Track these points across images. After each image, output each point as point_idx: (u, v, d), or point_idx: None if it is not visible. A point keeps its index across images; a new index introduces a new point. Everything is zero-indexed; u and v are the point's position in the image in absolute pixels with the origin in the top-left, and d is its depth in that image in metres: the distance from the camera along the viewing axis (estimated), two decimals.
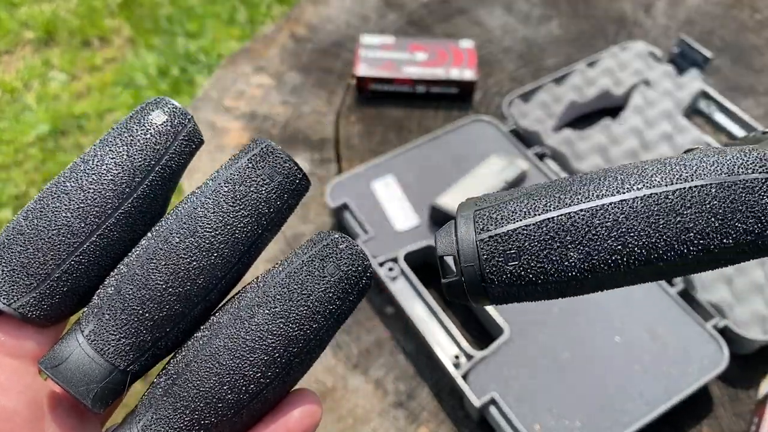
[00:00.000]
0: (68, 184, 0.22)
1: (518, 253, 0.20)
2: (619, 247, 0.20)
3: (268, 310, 0.22)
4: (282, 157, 0.23)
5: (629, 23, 0.97)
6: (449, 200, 0.68)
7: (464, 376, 0.58)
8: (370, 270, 0.23)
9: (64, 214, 0.22)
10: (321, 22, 0.97)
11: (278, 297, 0.22)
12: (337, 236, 0.23)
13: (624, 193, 0.20)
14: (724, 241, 0.20)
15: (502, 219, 0.21)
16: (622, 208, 0.20)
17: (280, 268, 0.23)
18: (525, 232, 0.20)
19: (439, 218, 0.69)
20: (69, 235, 0.22)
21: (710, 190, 0.20)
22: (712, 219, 0.20)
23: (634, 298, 0.63)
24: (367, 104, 0.86)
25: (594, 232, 0.20)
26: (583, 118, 0.82)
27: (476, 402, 0.56)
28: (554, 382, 0.58)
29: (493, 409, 0.56)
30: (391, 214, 0.70)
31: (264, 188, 0.23)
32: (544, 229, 0.20)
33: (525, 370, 0.59)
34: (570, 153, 0.75)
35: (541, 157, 0.76)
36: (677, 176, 0.20)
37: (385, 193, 0.72)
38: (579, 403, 0.57)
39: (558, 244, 0.20)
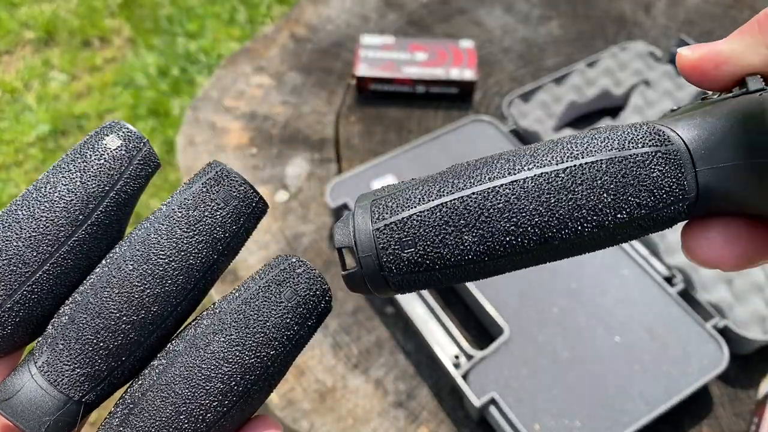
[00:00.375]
0: (20, 212, 0.22)
1: (414, 240, 0.20)
2: (512, 227, 0.20)
3: (224, 337, 0.22)
4: (237, 181, 0.23)
5: (629, 23, 0.97)
6: None
7: (464, 376, 0.58)
8: (329, 294, 0.23)
9: (15, 244, 0.22)
10: (321, 23, 0.97)
11: (234, 324, 0.22)
12: (294, 260, 0.23)
13: (515, 174, 0.20)
14: (618, 216, 0.20)
15: (397, 207, 0.21)
16: (513, 189, 0.20)
17: (237, 294, 0.23)
18: (419, 218, 0.20)
19: None
20: (20, 265, 0.22)
21: (601, 166, 0.20)
22: (604, 195, 0.20)
23: (634, 298, 0.63)
24: (367, 104, 0.86)
25: (487, 215, 0.20)
26: (583, 118, 0.82)
27: (476, 402, 0.56)
28: (554, 382, 0.58)
29: (493, 409, 0.56)
30: None
31: (219, 213, 0.22)
32: (438, 214, 0.20)
33: (525, 370, 0.59)
34: None
35: None
36: (568, 154, 0.20)
37: None
38: (579, 403, 0.57)
39: (452, 228, 0.20)
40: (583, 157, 0.20)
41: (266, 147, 0.82)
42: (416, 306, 0.63)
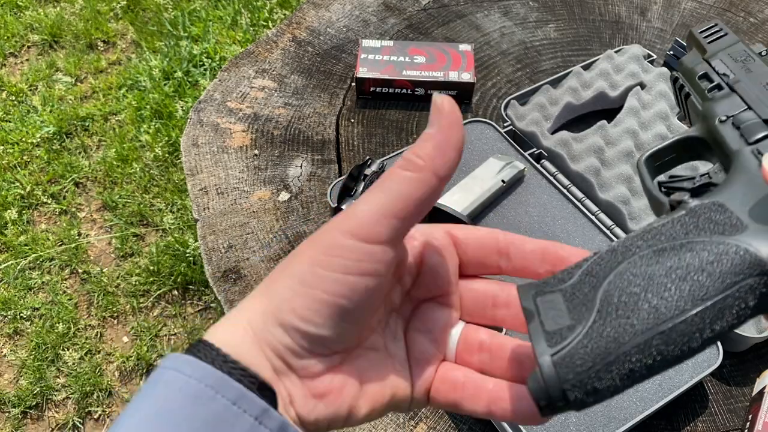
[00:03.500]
0: None
1: (592, 393, 0.25)
2: (651, 362, 0.25)
3: None
4: None
5: (625, 26, 0.98)
6: (449, 201, 0.70)
7: None
8: None
9: None
10: (322, 26, 0.99)
11: None
12: None
13: (663, 323, 0.24)
14: (710, 336, 0.24)
15: (577, 368, 0.25)
16: (662, 338, 0.24)
17: None
18: (596, 376, 0.25)
19: (439, 218, 0.70)
20: None
21: (723, 302, 0.24)
22: (708, 329, 0.24)
23: None
24: (368, 106, 0.87)
25: (640, 364, 0.25)
26: (579, 119, 0.84)
27: None
28: None
29: None
30: None
31: None
32: (607, 373, 0.25)
33: None
34: (566, 154, 0.76)
35: (537, 158, 0.77)
36: (701, 295, 0.24)
37: None
38: None
39: (618, 379, 0.25)
40: (711, 297, 0.24)
41: (268, 148, 0.83)
42: None
